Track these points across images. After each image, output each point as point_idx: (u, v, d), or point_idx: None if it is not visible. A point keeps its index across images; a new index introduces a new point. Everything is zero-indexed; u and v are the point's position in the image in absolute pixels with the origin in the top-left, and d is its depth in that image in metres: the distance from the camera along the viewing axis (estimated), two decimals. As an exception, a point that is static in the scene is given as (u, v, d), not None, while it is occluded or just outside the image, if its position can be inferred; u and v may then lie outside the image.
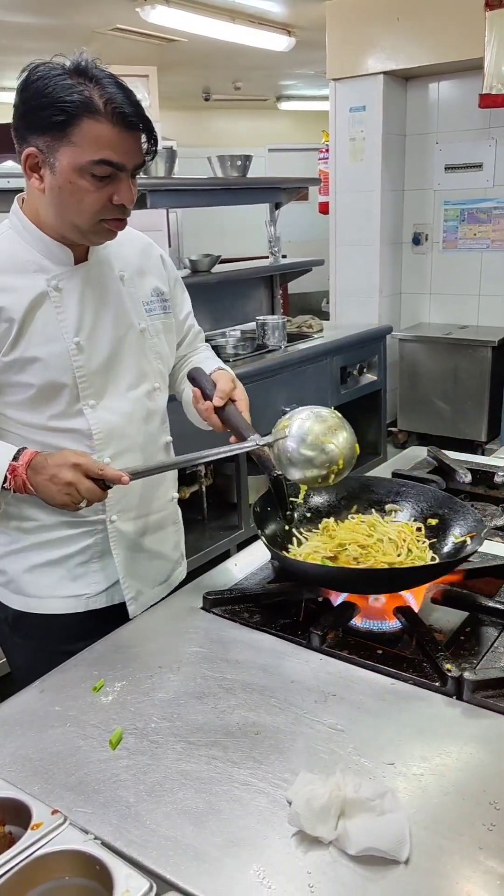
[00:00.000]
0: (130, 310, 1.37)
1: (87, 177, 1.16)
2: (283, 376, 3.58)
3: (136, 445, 1.37)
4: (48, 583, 1.37)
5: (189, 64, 6.18)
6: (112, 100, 1.13)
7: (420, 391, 5.01)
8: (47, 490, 1.17)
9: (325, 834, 0.81)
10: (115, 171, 1.17)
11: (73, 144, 1.14)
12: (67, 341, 1.27)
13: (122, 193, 1.19)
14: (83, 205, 1.18)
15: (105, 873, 0.76)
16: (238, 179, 3.80)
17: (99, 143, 1.14)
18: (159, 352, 1.44)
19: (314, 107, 8.29)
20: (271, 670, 1.13)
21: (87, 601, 1.38)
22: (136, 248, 1.44)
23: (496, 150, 4.69)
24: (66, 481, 1.15)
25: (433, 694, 1.05)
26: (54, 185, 1.18)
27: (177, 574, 1.54)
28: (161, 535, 1.48)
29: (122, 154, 1.16)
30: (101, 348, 1.32)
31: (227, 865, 0.79)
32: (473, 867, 0.78)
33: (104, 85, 1.14)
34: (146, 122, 1.18)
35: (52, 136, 1.14)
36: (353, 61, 4.69)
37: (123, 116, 1.14)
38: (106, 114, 1.13)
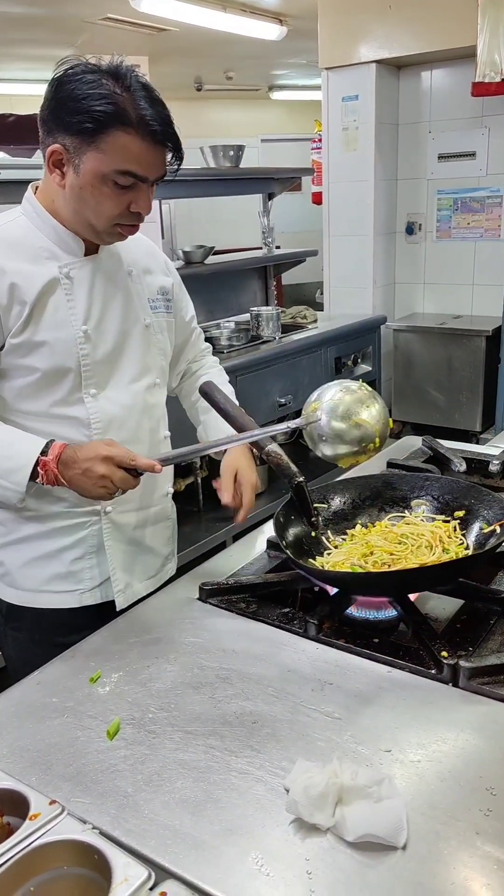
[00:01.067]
0: (137, 305, 1.39)
1: (110, 184, 1.19)
2: (278, 367, 3.58)
3: (135, 437, 1.38)
4: (43, 577, 1.37)
5: (181, 53, 6.13)
6: (143, 113, 1.16)
7: (414, 381, 5.01)
8: (81, 484, 1.19)
9: (323, 821, 0.81)
10: (136, 181, 1.20)
11: (101, 151, 1.16)
12: (76, 328, 1.29)
13: (141, 203, 1.23)
14: (101, 208, 1.21)
15: (103, 862, 0.76)
16: (231, 170, 3.79)
17: (126, 155, 1.17)
18: (162, 348, 1.46)
19: (307, 96, 8.25)
20: (268, 659, 1.13)
21: (81, 596, 1.39)
22: (142, 249, 1.46)
23: (489, 138, 4.68)
24: (99, 474, 1.17)
25: (430, 681, 1.06)
26: (75, 185, 1.20)
27: (167, 569, 1.54)
28: (154, 530, 1.48)
29: (146, 167, 1.19)
30: (108, 339, 1.33)
31: (225, 853, 0.79)
32: (470, 852, 0.78)
33: (137, 97, 1.16)
34: (174, 139, 1.21)
35: (81, 139, 1.16)
36: (345, 50, 4.67)
37: (153, 133, 1.17)
38: (136, 127, 1.15)
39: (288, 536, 1.34)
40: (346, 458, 1.26)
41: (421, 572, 1.21)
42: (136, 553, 1.44)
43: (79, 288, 1.30)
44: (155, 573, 1.50)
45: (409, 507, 1.45)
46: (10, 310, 1.24)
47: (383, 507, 1.47)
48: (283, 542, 1.30)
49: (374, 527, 1.40)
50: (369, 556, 1.29)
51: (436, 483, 1.47)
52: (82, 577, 1.38)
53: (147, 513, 1.45)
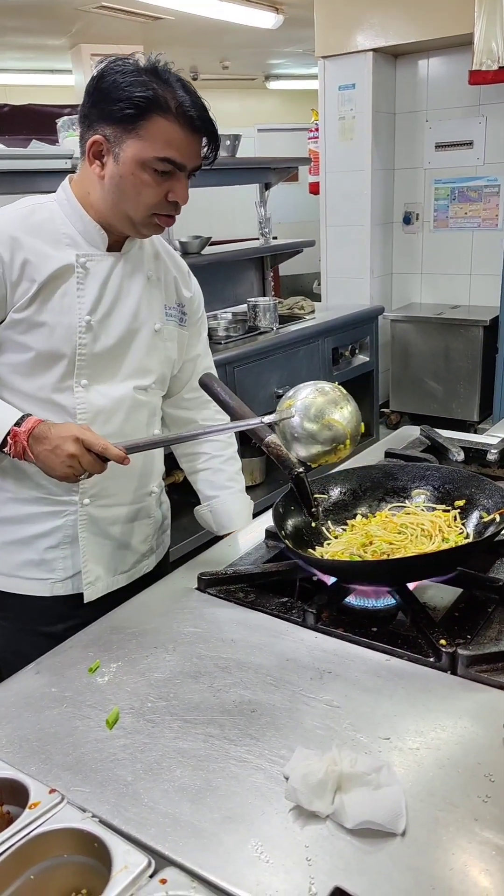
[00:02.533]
0: (150, 309, 1.40)
1: (150, 171, 1.21)
2: (275, 358, 3.57)
3: (120, 433, 1.37)
4: (15, 562, 1.39)
5: (176, 42, 6.10)
6: (182, 101, 1.20)
7: (412, 372, 5.01)
8: (48, 461, 1.18)
9: (322, 808, 0.81)
10: (175, 169, 1.22)
11: (141, 138, 1.19)
12: (80, 317, 1.29)
13: (179, 192, 1.25)
14: (141, 197, 1.23)
15: (103, 850, 0.76)
16: (227, 159, 3.76)
17: (165, 141, 1.20)
18: (168, 355, 1.46)
19: (303, 85, 8.21)
20: (267, 649, 1.13)
21: (53, 586, 1.39)
22: (170, 261, 1.48)
23: (486, 127, 4.66)
24: (68, 453, 1.16)
25: (428, 669, 1.06)
26: (115, 174, 1.23)
27: (142, 566, 1.53)
28: (132, 527, 1.47)
29: (184, 154, 1.22)
30: (111, 334, 1.34)
31: (224, 841, 0.80)
32: (469, 838, 0.78)
33: (175, 88, 1.20)
34: (211, 126, 1.24)
35: (122, 127, 1.20)
36: (341, 38, 4.64)
37: (191, 120, 1.21)
38: (175, 114, 1.19)
39: (287, 527, 1.34)
40: (316, 458, 1.24)
41: (418, 561, 1.21)
42: (112, 547, 1.44)
43: (92, 279, 1.31)
44: (128, 568, 1.49)
45: (410, 496, 1.45)
46: (17, 285, 1.25)
47: (384, 497, 1.47)
48: (282, 532, 1.30)
49: (374, 517, 1.40)
50: (368, 545, 1.29)
51: (436, 473, 1.47)
52: (55, 567, 1.39)
53: (127, 509, 1.45)
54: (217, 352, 3.30)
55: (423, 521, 1.33)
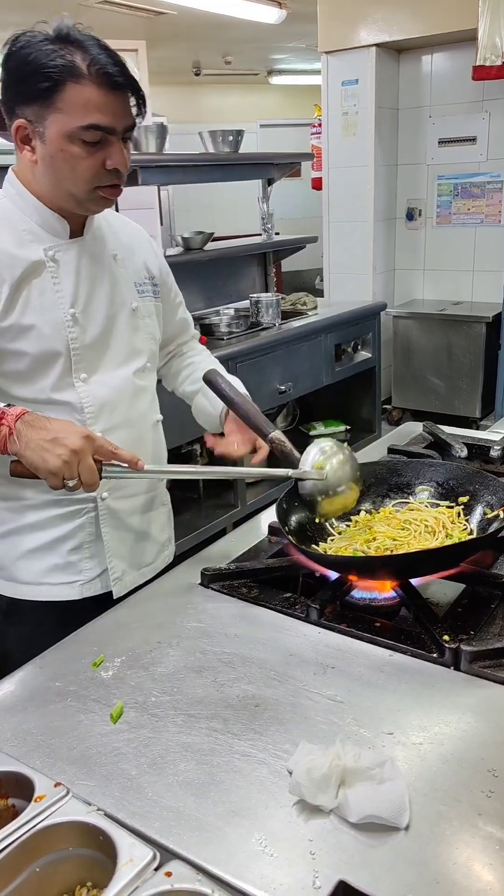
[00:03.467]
0: (123, 288, 1.37)
1: (78, 143, 1.15)
2: (278, 354, 3.57)
3: (127, 421, 1.36)
4: (41, 569, 1.35)
5: (178, 37, 6.08)
6: (96, 61, 1.12)
7: (414, 368, 5.00)
8: (42, 451, 1.07)
9: (326, 802, 0.81)
10: (105, 135, 1.16)
11: (60, 111, 1.13)
12: (63, 312, 1.27)
13: (115, 157, 1.18)
14: (77, 172, 1.18)
15: (108, 843, 0.77)
16: (230, 155, 3.76)
17: (86, 108, 1.13)
18: (151, 332, 1.44)
19: (306, 81, 8.18)
20: (270, 644, 1.13)
21: (81, 588, 1.37)
22: (129, 234, 1.44)
23: (490, 123, 4.65)
24: (72, 448, 1.07)
25: (431, 665, 1.06)
26: (46, 155, 1.18)
27: (164, 557, 1.53)
28: (150, 516, 1.47)
29: (110, 117, 1.15)
30: (96, 322, 1.31)
31: (229, 835, 0.80)
32: (472, 832, 0.79)
33: (87, 48, 1.13)
34: (133, 81, 1.17)
35: (39, 104, 1.14)
36: (344, 34, 4.63)
37: (109, 77, 1.13)
38: (90, 76, 1.12)
39: (291, 523, 1.34)
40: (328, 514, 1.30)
41: (421, 556, 1.21)
42: (134, 540, 1.43)
43: (65, 271, 1.27)
44: (153, 560, 1.49)
45: (413, 492, 1.45)
46: None
47: (387, 493, 1.47)
48: (286, 528, 1.30)
49: (378, 513, 1.40)
50: (372, 541, 1.29)
51: (440, 469, 1.47)
52: (81, 568, 1.37)
53: (144, 498, 1.44)
54: (219, 348, 3.30)
55: (426, 517, 1.33)
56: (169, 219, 6.86)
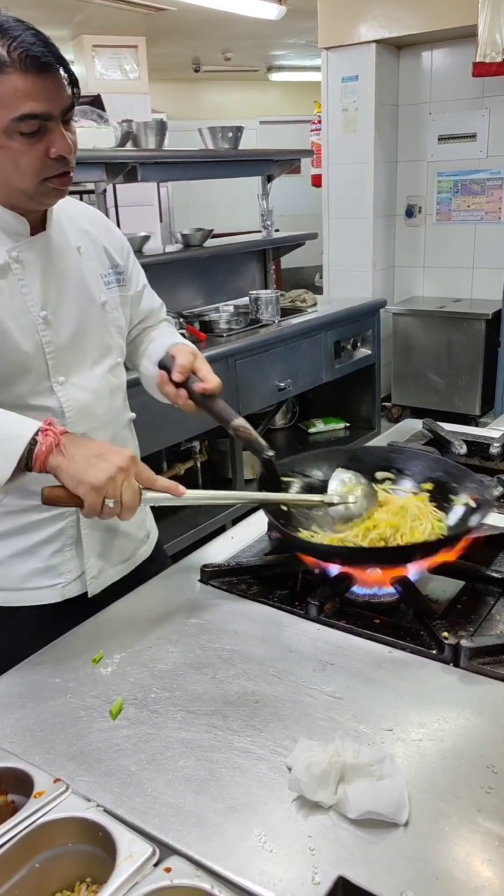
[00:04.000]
0: (91, 283, 1.33)
1: (16, 136, 1.07)
2: (277, 351, 3.57)
3: (104, 423, 1.34)
4: (21, 574, 1.32)
5: (178, 34, 6.07)
6: (18, 44, 1.03)
7: (414, 365, 5.01)
8: (85, 465, 1.03)
9: (326, 799, 0.81)
10: (43, 122, 1.08)
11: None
12: (34, 315, 1.22)
13: (58, 144, 1.10)
14: (21, 167, 1.11)
15: (108, 839, 0.77)
16: (229, 151, 3.75)
17: (16, 98, 1.05)
18: (119, 325, 1.41)
19: (306, 77, 8.17)
20: (269, 640, 1.13)
21: (63, 590, 1.35)
22: (87, 221, 1.39)
23: (490, 119, 4.65)
24: (119, 465, 1.03)
25: (430, 661, 1.06)
26: None
27: (140, 552, 1.50)
28: None
29: (44, 102, 1.07)
30: (67, 322, 1.27)
31: (228, 831, 0.80)
32: (472, 829, 0.79)
33: (7, 30, 1.04)
34: (61, 60, 1.09)
35: None
36: (345, 30, 4.62)
37: (34, 60, 1.04)
38: (14, 62, 1.03)
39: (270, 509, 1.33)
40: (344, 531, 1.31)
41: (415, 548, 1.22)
42: (111, 539, 1.40)
43: (30, 271, 1.22)
44: (128, 557, 1.46)
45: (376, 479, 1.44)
46: None
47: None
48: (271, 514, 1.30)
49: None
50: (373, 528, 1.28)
51: (400, 456, 1.48)
52: (62, 571, 1.34)
53: None
54: (219, 345, 3.30)
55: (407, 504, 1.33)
56: (168, 215, 6.86)
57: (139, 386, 1.54)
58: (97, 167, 3.11)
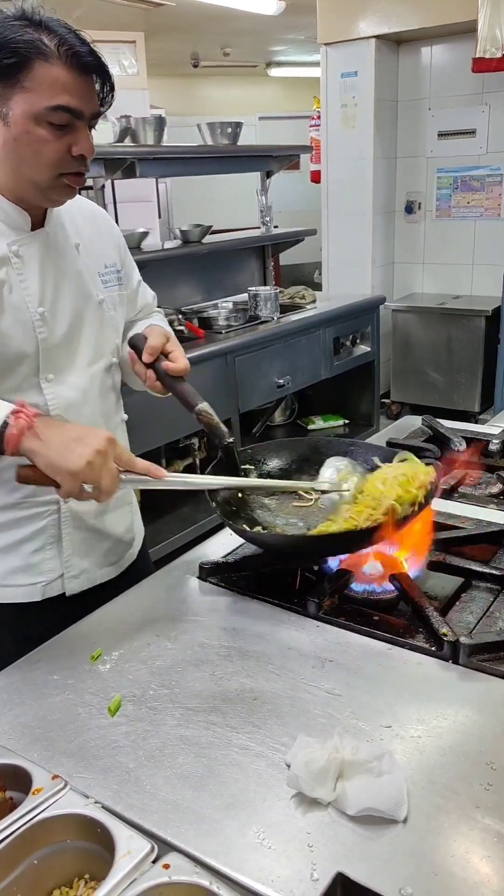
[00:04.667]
0: (88, 281, 1.32)
1: (44, 125, 1.09)
2: (276, 348, 3.56)
3: (92, 423, 1.31)
4: (1, 572, 1.31)
5: (177, 29, 6.05)
6: (65, 41, 1.08)
7: (413, 362, 5.00)
8: (65, 449, 1.01)
9: (324, 795, 0.81)
10: (72, 118, 1.11)
11: (27, 90, 1.08)
12: (32, 311, 1.21)
13: (82, 143, 1.13)
14: (41, 157, 1.12)
15: (106, 836, 0.77)
16: (228, 147, 3.75)
17: (55, 88, 1.08)
18: (116, 325, 1.40)
19: (305, 73, 8.15)
20: (268, 637, 1.13)
21: (44, 588, 1.33)
22: (86, 217, 1.38)
23: (489, 115, 4.63)
24: (97, 449, 1.01)
25: (429, 658, 1.06)
26: (9, 138, 1.11)
27: (128, 555, 1.49)
28: (115, 517, 1.43)
29: (79, 99, 1.10)
30: (63, 320, 1.26)
31: (227, 827, 0.80)
32: (470, 825, 0.79)
33: (54, 28, 1.08)
34: (102, 65, 1.12)
35: (4, 82, 1.08)
36: (344, 25, 4.61)
37: (78, 58, 1.08)
38: (60, 56, 1.07)
39: (218, 497, 1.30)
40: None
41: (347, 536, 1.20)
42: (96, 540, 1.39)
43: (29, 266, 1.21)
44: (116, 559, 1.45)
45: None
46: None
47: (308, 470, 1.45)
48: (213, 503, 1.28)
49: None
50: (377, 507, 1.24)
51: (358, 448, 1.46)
52: (42, 569, 1.33)
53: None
54: (217, 341, 3.29)
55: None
56: (167, 211, 6.85)
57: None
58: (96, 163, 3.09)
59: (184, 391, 1.30)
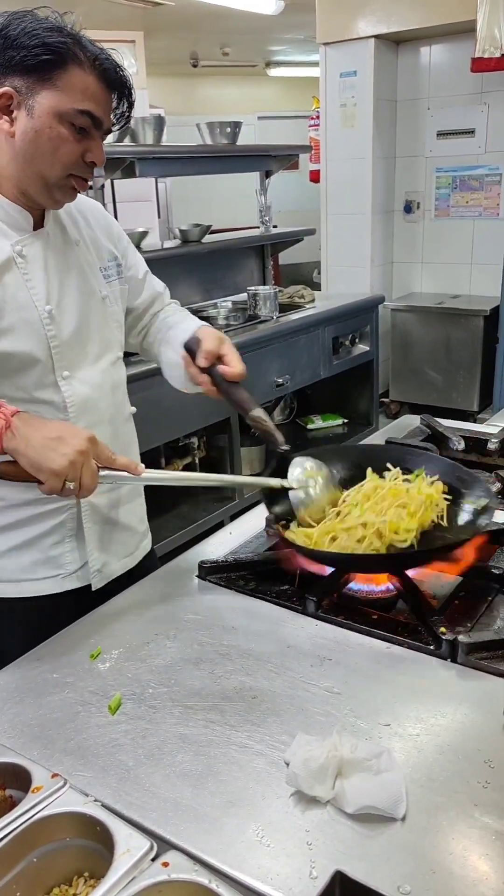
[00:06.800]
0: (91, 277, 1.33)
1: (67, 125, 1.14)
2: (276, 347, 3.56)
3: (105, 417, 1.34)
4: (21, 566, 1.32)
5: (176, 28, 6.05)
6: (98, 56, 1.14)
7: (412, 361, 5.00)
8: (43, 450, 1.04)
9: (323, 793, 0.82)
10: (92, 126, 1.16)
11: (58, 89, 1.12)
12: (39, 310, 1.23)
13: (96, 152, 1.18)
14: (58, 153, 1.15)
15: (106, 834, 0.77)
16: (227, 147, 3.74)
17: (84, 94, 1.13)
18: (118, 319, 1.41)
19: (304, 73, 8.16)
20: (267, 636, 1.13)
21: (63, 581, 1.34)
22: (84, 213, 1.39)
23: (488, 115, 4.64)
24: (78, 449, 1.04)
25: (428, 657, 1.07)
26: (30, 128, 1.13)
27: (142, 546, 1.51)
28: (129, 508, 1.45)
29: (103, 110, 1.16)
30: (70, 317, 1.28)
31: (226, 825, 0.80)
32: (469, 823, 0.79)
33: (84, 42, 1.14)
34: (126, 83, 1.18)
35: (36, 77, 1.11)
36: (343, 25, 4.61)
37: (107, 73, 1.15)
38: (94, 67, 1.14)
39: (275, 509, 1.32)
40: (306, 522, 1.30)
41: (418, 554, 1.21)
42: (113, 532, 1.40)
43: (34, 266, 1.23)
44: (132, 551, 1.47)
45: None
46: None
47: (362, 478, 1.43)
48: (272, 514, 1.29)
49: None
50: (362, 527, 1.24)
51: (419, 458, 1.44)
52: (62, 562, 1.34)
53: (122, 492, 1.41)
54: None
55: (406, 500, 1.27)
56: (166, 211, 6.84)
57: (139, 381, 1.54)
58: (95, 162, 3.09)
59: (240, 397, 1.31)
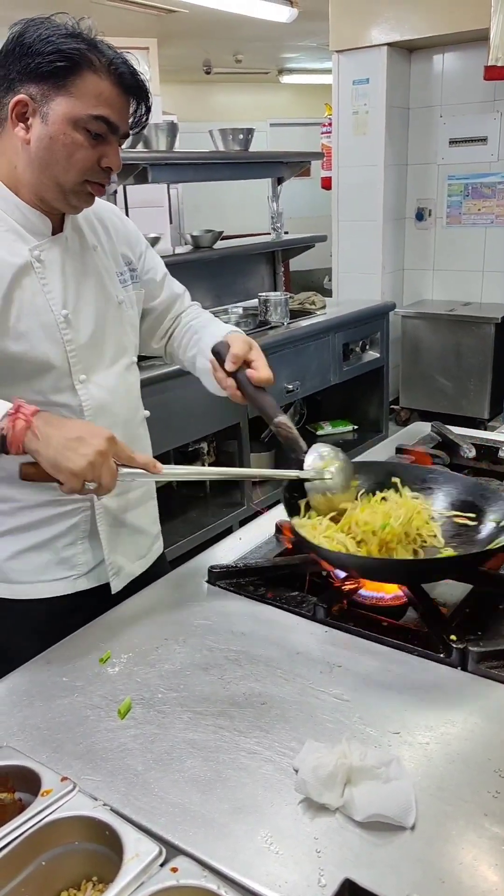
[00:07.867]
0: (108, 282, 1.34)
1: (82, 131, 1.14)
2: (286, 353, 3.57)
3: (120, 421, 1.34)
4: (35, 567, 1.32)
5: (189, 36, 6.08)
6: (113, 61, 1.14)
7: (422, 368, 5.00)
8: (63, 450, 1.03)
9: (332, 801, 0.81)
10: (108, 131, 1.16)
11: (72, 95, 1.12)
12: (56, 314, 1.23)
13: (111, 157, 1.18)
14: (73, 160, 1.15)
15: (115, 838, 0.77)
16: (240, 153, 3.76)
17: (99, 99, 1.13)
18: (133, 324, 1.42)
19: (316, 80, 8.18)
20: (277, 642, 1.13)
21: (75, 582, 1.34)
22: (102, 218, 1.39)
23: (501, 123, 4.64)
24: (98, 450, 1.04)
25: (438, 665, 1.06)
26: (44, 136, 1.14)
27: (155, 548, 1.52)
28: (142, 510, 1.46)
29: (118, 114, 1.16)
30: (87, 322, 1.29)
31: (234, 831, 0.80)
32: (479, 833, 0.79)
33: (101, 47, 1.15)
34: (142, 87, 1.18)
35: (50, 83, 1.12)
36: (356, 32, 4.62)
37: (124, 78, 1.15)
38: (109, 72, 1.14)
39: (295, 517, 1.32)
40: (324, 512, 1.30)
41: (440, 563, 1.21)
42: (126, 535, 1.41)
43: (51, 270, 1.23)
44: (145, 553, 1.47)
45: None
46: None
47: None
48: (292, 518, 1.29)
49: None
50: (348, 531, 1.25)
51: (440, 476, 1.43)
52: (75, 563, 1.34)
53: (135, 494, 1.42)
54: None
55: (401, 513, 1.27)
56: (178, 217, 6.87)
57: (150, 386, 1.54)
58: (108, 168, 3.11)
59: (264, 402, 1.31)
